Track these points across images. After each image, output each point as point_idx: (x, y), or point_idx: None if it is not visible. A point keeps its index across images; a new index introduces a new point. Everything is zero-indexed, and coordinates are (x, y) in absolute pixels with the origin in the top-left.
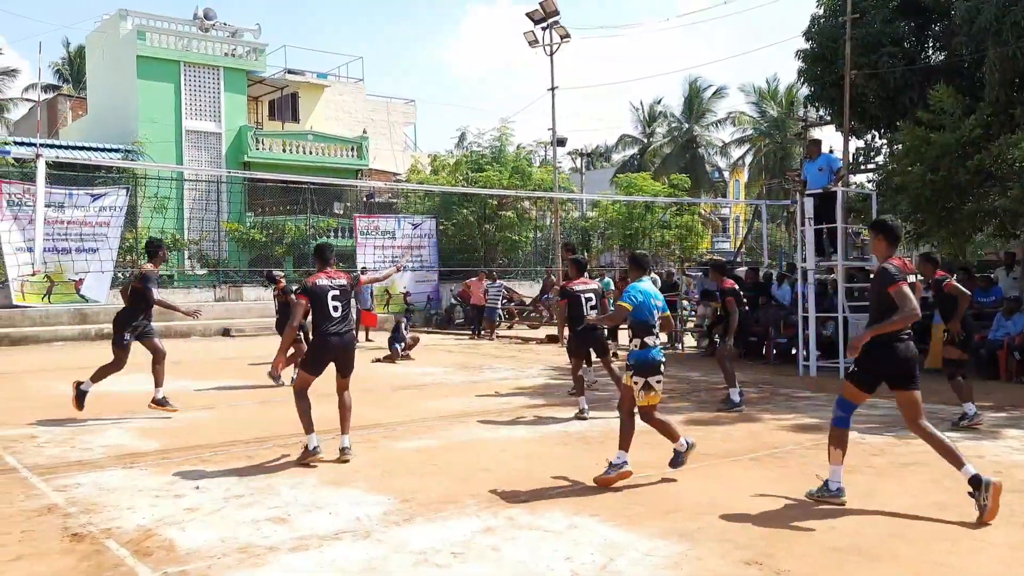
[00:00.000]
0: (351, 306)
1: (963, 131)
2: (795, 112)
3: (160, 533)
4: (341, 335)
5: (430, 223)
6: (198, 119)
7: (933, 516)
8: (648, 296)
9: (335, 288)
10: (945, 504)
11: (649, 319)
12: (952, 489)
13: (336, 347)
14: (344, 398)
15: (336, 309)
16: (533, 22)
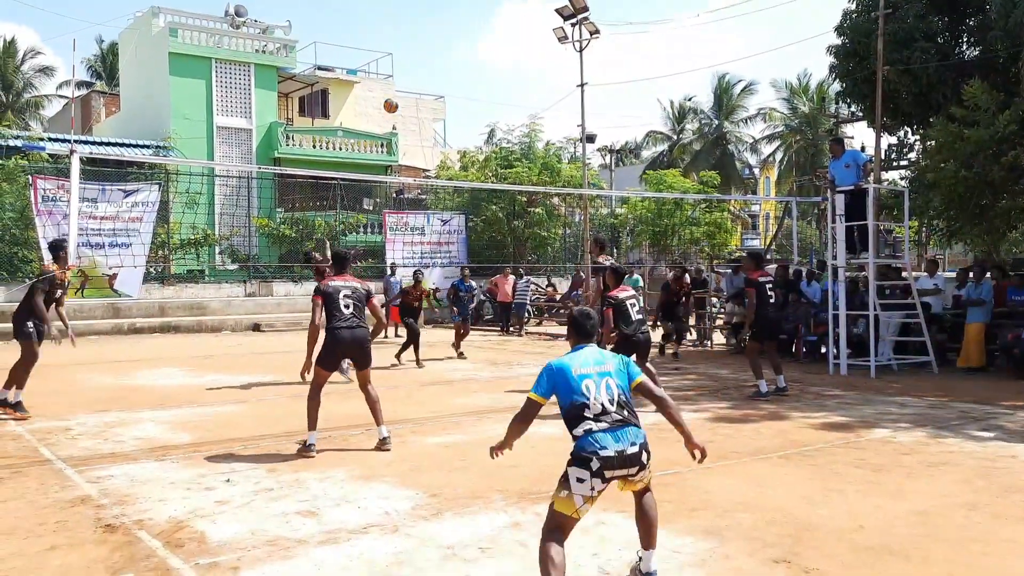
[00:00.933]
0: (363, 309)
1: (997, 127)
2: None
3: (191, 525)
4: (352, 328)
5: (459, 219)
6: (229, 115)
7: (964, 516)
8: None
9: (347, 288)
10: (976, 504)
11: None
12: (983, 489)
13: (346, 340)
14: (369, 392)
15: (348, 307)
16: (563, 18)
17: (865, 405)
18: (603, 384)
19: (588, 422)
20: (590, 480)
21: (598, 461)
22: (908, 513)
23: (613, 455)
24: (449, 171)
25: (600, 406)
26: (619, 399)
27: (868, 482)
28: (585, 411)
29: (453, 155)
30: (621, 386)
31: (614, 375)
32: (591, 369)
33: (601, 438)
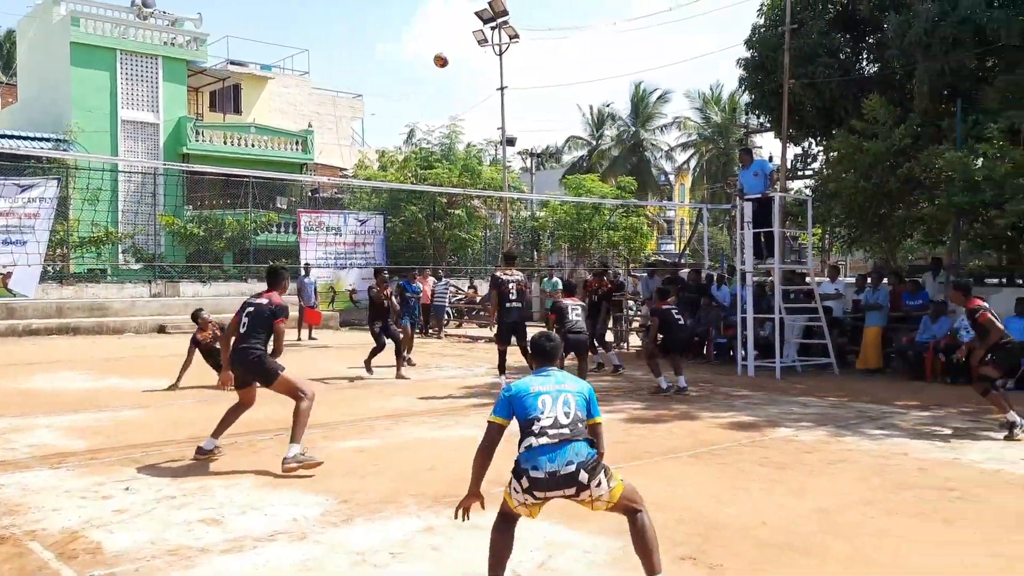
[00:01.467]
0: (262, 327)
1: (894, 140)
2: (737, 119)
3: (87, 535)
4: (242, 351)
5: (377, 220)
6: (135, 109)
7: (861, 512)
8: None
9: (251, 305)
10: (872, 500)
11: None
12: (878, 486)
13: (235, 362)
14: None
15: (243, 325)
16: (482, 21)
17: (771, 405)
18: (561, 398)
19: (531, 437)
20: (522, 493)
21: (527, 480)
22: (809, 510)
23: (543, 476)
24: (367, 171)
25: (552, 419)
26: (575, 415)
27: (772, 480)
28: (534, 425)
29: (371, 154)
30: (579, 404)
31: (574, 393)
32: (550, 387)
33: (537, 456)
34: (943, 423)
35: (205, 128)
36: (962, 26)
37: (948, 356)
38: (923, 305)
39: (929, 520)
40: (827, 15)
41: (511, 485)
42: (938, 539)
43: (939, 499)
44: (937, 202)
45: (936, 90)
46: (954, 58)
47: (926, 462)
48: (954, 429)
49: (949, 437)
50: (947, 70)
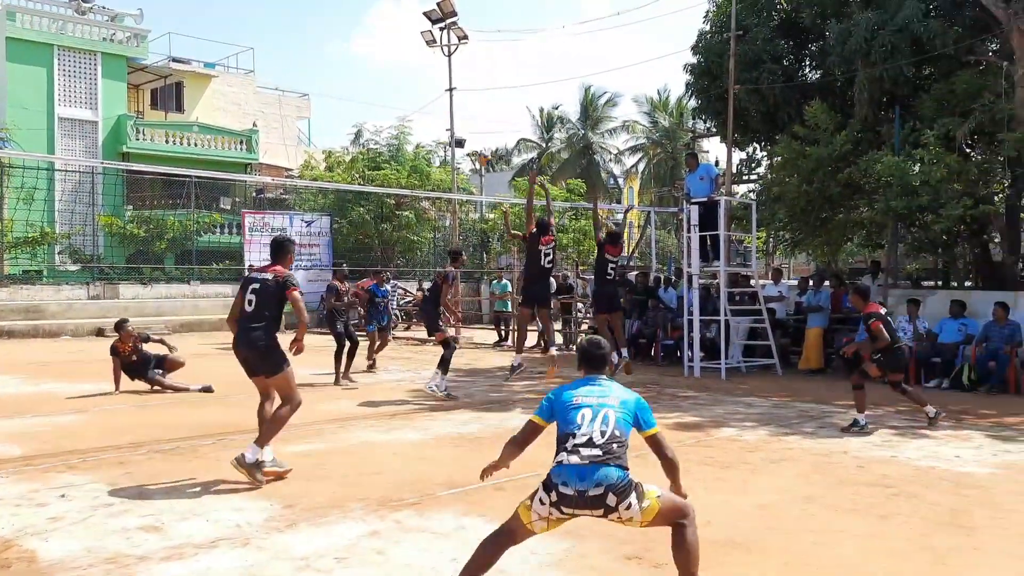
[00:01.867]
0: (272, 303)
1: (835, 146)
2: (685, 123)
3: (20, 544)
4: (249, 335)
5: (324, 221)
6: (72, 106)
7: (802, 509)
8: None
9: (255, 281)
10: (812, 497)
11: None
12: (818, 483)
13: (242, 344)
14: (264, 406)
15: (249, 303)
16: (431, 22)
17: (716, 405)
18: (601, 414)
19: (564, 453)
20: (548, 507)
21: (556, 495)
22: (752, 507)
23: (571, 494)
24: (314, 171)
25: (587, 437)
26: (612, 434)
27: (716, 479)
28: (568, 440)
29: (318, 155)
30: (620, 421)
31: (616, 409)
32: (593, 399)
33: (567, 473)
34: (881, 422)
35: (146, 126)
36: (900, 35)
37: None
38: None
39: (866, 516)
40: (771, 22)
41: (535, 497)
42: (874, 534)
43: (876, 495)
44: (876, 206)
45: (875, 97)
46: (892, 66)
47: (864, 460)
48: (892, 427)
49: (886, 435)
50: (886, 78)
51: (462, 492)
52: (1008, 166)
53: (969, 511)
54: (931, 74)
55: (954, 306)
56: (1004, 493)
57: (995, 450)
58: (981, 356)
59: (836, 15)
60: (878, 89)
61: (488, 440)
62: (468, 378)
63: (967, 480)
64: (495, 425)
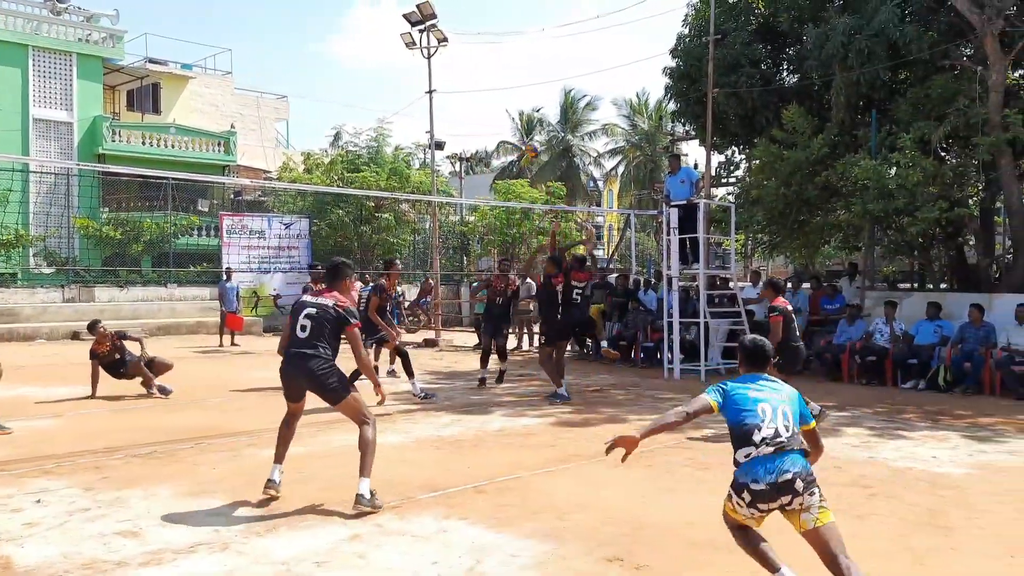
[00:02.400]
0: (330, 334)
1: (812, 149)
2: (664, 126)
3: None
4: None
5: (303, 223)
6: (48, 107)
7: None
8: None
9: (311, 307)
10: None
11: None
12: None
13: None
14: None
15: (303, 329)
16: (410, 24)
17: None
18: (780, 409)
19: (751, 447)
20: (747, 508)
21: (749, 494)
22: None
23: (764, 488)
24: (292, 173)
25: (773, 429)
26: (792, 427)
27: (698, 480)
28: (754, 434)
29: (297, 157)
30: (795, 414)
31: (788, 403)
32: (768, 395)
33: (755, 467)
34: (859, 423)
35: (122, 128)
36: (876, 40)
37: (864, 358)
38: (840, 309)
39: (844, 516)
40: (749, 26)
41: (732, 500)
42: (852, 534)
43: (854, 496)
44: (853, 209)
45: (852, 101)
46: (869, 70)
47: (842, 460)
48: (869, 428)
49: (864, 436)
50: (862, 82)
51: (443, 495)
52: (982, 170)
53: (946, 511)
54: (907, 78)
55: (930, 308)
56: (980, 493)
57: (971, 450)
58: (956, 357)
59: (813, 20)
60: (855, 93)
61: (469, 443)
62: (448, 381)
63: (944, 480)
64: (475, 428)
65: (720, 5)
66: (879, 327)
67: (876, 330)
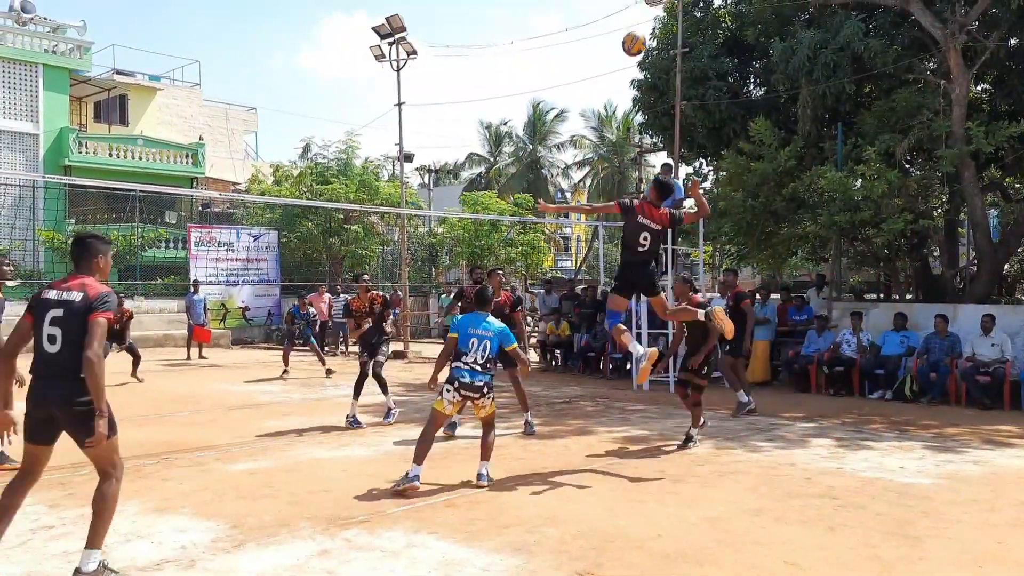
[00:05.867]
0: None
1: (779, 162)
2: (632, 138)
3: None
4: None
5: (272, 235)
6: (12, 118)
7: (751, 521)
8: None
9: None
10: (760, 510)
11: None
12: (766, 495)
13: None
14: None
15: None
16: (380, 37)
17: (665, 419)
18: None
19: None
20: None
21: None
22: (701, 520)
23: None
24: (261, 185)
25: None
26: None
27: (666, 492)
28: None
29: (266, 169)
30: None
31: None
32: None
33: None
34: (826, 433)
35: (89, 139)
36: (841, 53)
37: (831, 368)
38: (808, 320)
39: (814, 527)
40: (716, 40)
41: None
42: (822, 545)
43: (823, 507)
44: (820, 221)
45: (818, 114)
46: (834, 84)
47: (811, 471)
48: (837, 439)
49: (832, 447)
50: (828, 95)
51: (412, 508)
52: (946, 182)
53: (914, 521)
54: (872, 91)
55: (896, 319)
56: (947, 503)
57: (937, 460)
58: (923, 368)
59: (779, 34)
60: (821, 106)
61: (437, 456)
62: (417, 394)
63: (911, 491)
64: (443, 441)
65: (687, 19)
66: (846, 338)
67: (843, 341)
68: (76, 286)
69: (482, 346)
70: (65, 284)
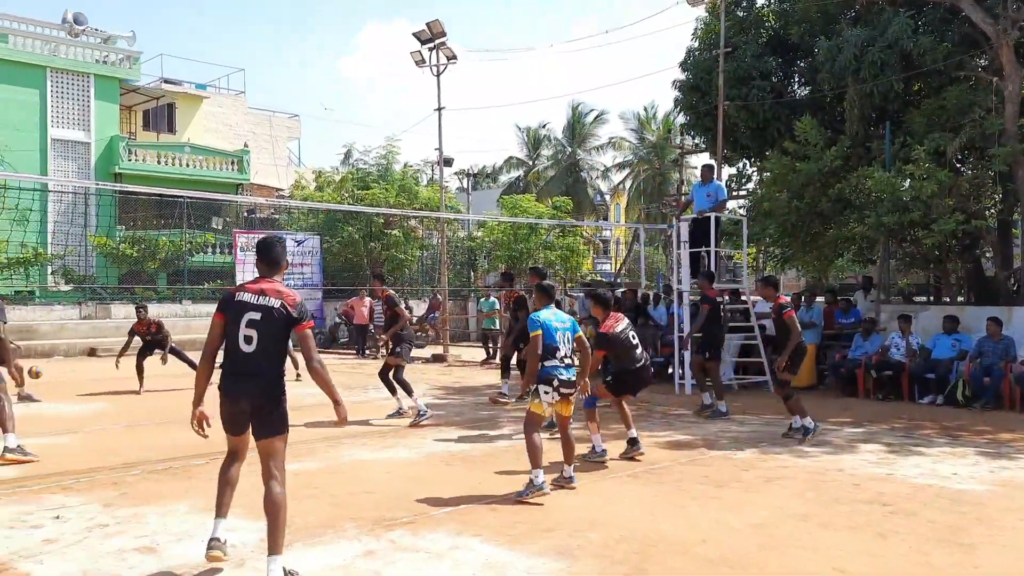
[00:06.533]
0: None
1: (825, 162)
2: (672, 139)
3: (15, 567)
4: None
5: (314, 240)
6: (65, 127)
7: (797, 527)
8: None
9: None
10: (807, 515)
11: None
12: (813, 501)
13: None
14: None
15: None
16: (420, 42)
17: (708, 423)
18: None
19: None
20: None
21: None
22: (746, 526)
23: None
24: (304, 191)
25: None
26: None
27: (710, 497)
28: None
29: (308, 175)
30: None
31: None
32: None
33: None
34: (876, 439)
35: (138, 147)
36: (889, 51)
37: (880, 373)
38: (855, 323)
39: (863, 533)
40: (760, 39)
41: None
42: (871, 551)
43: (873, 513)
44: (867, 222)
45: (865, 113)
46: (882, 82)
47: (860, 477)
48: (887, 445)
49: (882, 453)
50: (876, 93)
51: (455, 511)
52: (999, 181)
53: (967, 529)
54: (921, 90)
55: (947, 322)
56: (1002, 510)
57: (991, 467)
58: (975, 372)
59: (825, 32)
60: (868, 105)
61: (479, 458)
62: (457, 396)
63: (965, 497)
64: (485, 443)
65: (730, 19)
66: (895, 341)
67: (892, 344)
68: (272, 292)
69: (566, 338)
70: (258, 287)
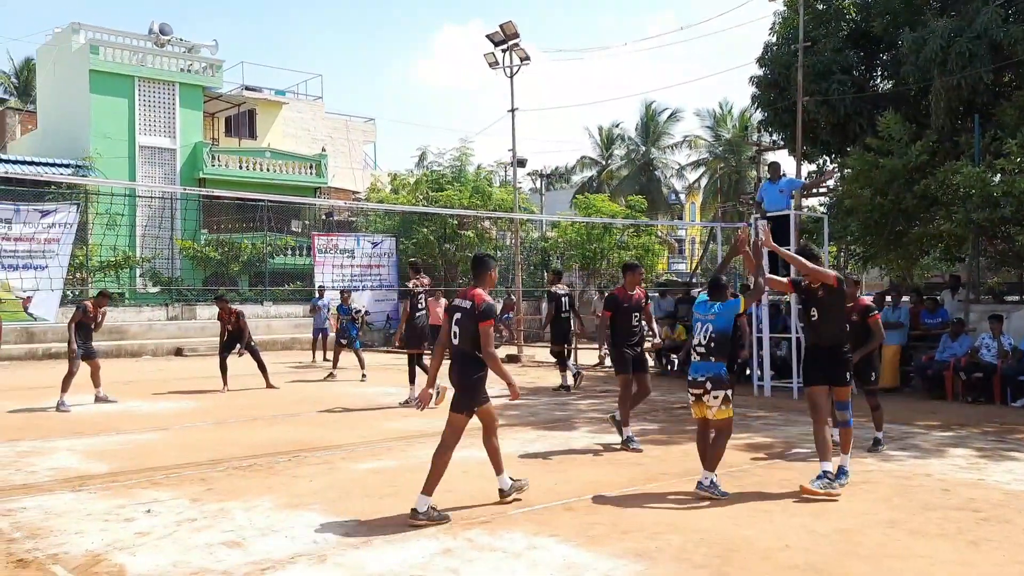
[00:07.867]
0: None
1: (910, 157)
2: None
3: (110, 558)
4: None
5: (390, 242)
6: (152, 135)
7: (884, 533)
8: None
9: (457, 310)
10: (895, 521)
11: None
12: (900, 507)
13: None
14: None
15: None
16: (493, 44)
17: (788, 426)
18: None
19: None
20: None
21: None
22: (831, 531)
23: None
24: (380, 193)
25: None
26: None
27: (792, 502)
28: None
29: (384, 177)
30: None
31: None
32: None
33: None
34: (964, 443)
35: (221, 153)
36: (978, 42)
37: (969, 375)
38: (942, 323)
39: (954, 541)
40: (840, 32)
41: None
42: (964, 560)
43: (964, 520)
44: (955, 219)
45: (953, 106)
46: (970, 74)
47: (949, 483)
48: (977, 449)
49: (972, 458)
50: (963, 86)
51: (531, 511)
52: None
53: None
54: (1012, 81)
55: None
56: None
57: None
58: None
59: (909, 24)
60: (955, 97)
61: (554, 459)
62: (532, 397)
63: None
64: (560, 444)
65: (809, 12)
66: (986, 342)
67: (982, 345)
68: (470, 296)
69: (704, 329)
70: (464, 293)
